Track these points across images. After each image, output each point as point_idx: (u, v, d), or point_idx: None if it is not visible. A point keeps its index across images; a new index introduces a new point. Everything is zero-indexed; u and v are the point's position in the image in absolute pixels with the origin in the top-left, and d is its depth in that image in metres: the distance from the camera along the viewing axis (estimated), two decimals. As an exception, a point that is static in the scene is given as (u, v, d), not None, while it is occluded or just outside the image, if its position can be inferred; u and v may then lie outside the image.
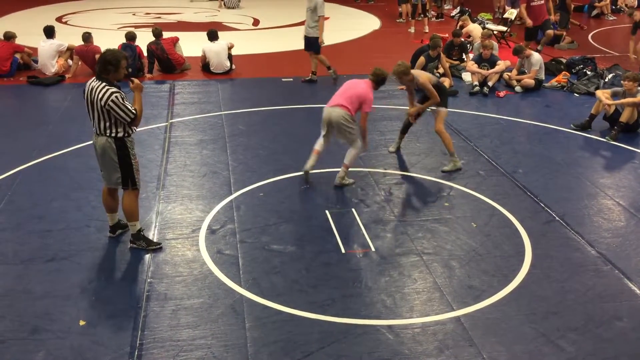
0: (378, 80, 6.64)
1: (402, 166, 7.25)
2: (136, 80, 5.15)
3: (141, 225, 5.47)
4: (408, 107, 7.51)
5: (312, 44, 10.62)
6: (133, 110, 4.99)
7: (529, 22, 12.52)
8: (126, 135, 5.10)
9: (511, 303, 4.70)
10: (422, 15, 15.74)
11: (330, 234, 5.67)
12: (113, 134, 5.04)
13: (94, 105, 4.97)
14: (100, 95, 4.91)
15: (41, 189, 6.53)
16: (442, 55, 10.83)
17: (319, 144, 6.75)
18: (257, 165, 7.23)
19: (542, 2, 12.48)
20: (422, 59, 10.32)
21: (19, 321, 4.41)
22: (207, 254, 5.31)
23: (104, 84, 4.94)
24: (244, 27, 16.65)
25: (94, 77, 5.07)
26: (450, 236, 5.66)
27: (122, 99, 4.93)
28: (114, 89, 4.93)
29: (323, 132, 6.69)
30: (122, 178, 5.17)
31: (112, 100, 4.88)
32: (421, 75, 7.07)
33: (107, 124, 5.00)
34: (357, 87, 6.61)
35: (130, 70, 9.91)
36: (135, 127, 5.18)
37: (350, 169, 6.77)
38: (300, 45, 14.15)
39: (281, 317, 4.49)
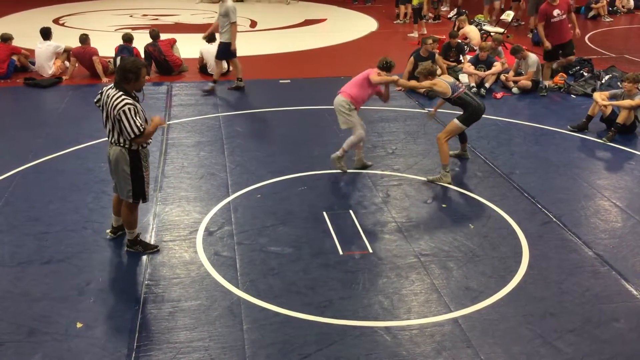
0: (381, 67, 6.91)
1: (400, 168, 7.25)
2: (161, 120, 5.07)
3: (139, 229, 5.45)
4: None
5: (224, 50, 10.09)
6: (140, 128, 4.84)
7: (547, 44, 10.32)
8: (140, 146, 5.03)
9: (509, 304, 4.70)
10: (420, 18, 15.72)
11: (327, 236, 5.67)
12: (127, 145, 4.96)
13: (109, 113, 4.90)
14: (114, 104, 4.82)
15: (38, 191, 6.52)
16: (438, 55, 10.92)
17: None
18: (255, 167, 7.23)
19: (564, 16, 10.15)
20: (411, 59, 10.50)
21: (15, 324, 4.40)
22: (204, 256, 5.31)
23: (121, 92, 4.85)
24: (241, 28, 16.64)
25: (111, 84, 4.98)
26: (448, 237, 5.67)
27: (135, 112, 4.83)
28: (130, 100, 4.83)
29: None
30: (132, 192, 5.10)
31: (124, 110, 4.78)
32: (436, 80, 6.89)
33: (120, 133, 4.93)
34: (362, 73, 6.99)
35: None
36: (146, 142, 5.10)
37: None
38: (296, 47, 14.25)
39: (279, 319, 4.49)
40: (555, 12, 10.11)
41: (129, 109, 4.80)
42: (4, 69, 10.78)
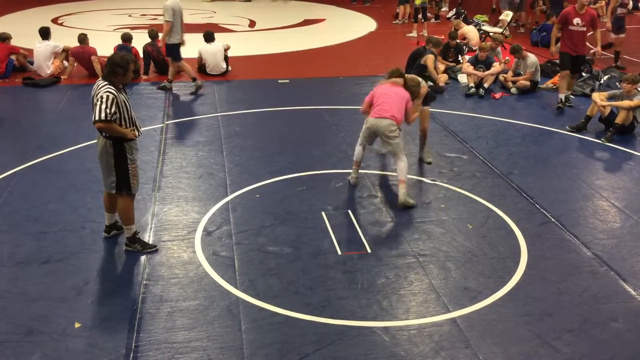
0: (409, 86, 6.63)
1: (398, 168, 7.24)
2: (132, 133, 5.08)
3: (137, 227, 5.45)
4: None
5: (170, 50, 9.99)
6: (108, 116, 4.82)
7: (553, 49, 9.88)
8: (125, 140, 5.03)
9: (507, 304, 4.70)
10: (423, 19, 15.70)
11: (326, 236, 5.67)
12: (111, 136, 4.99)
13: (94, 104, 4.93)
14: (97, 91, 4.88)
15: (37, 190, 6.51)
16: (438, 55, 10.97)
17: (358, 155, 6.71)
18: (253, 166, 7.23)
19: (584, 29, 9.27)
20: (432, 57, 10.36)
21: (14, 323, 4.40)
22: (202, 256, 5.31)
23: (106, 83, 4.90)
24: (240, 28, 16.66)
25: (100, 78, 5.03)
26: (446, 238, 5.67)
27: (113, 101, 4.84)
28: (112, 90, 4.87)
29: (364, 142, 6.64)
30: (116, 183, 5.12)
31: (101, 96, 4.82)
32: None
33: None
34: (398, 93, 6.47)
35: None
36: (139, 130, 5.11)
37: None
38: (295, 46, 14.25)
39: (277, 319, 4.49)
40: (576, 20, 9.21)
41: (107, 96, 4.84)
42: (2, 69, 10.77)
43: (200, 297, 4.73)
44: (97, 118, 4.84)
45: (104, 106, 4.82)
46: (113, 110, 4.85)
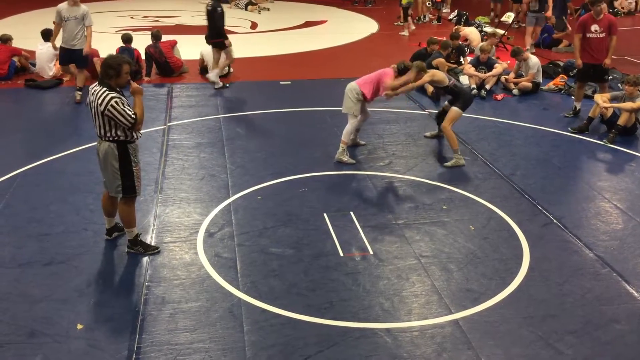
0: (400, 69, 7.43)
1: (400, 169, 7.25)
2: (134, 84, 5.11)
3: (139, 229, 5.46)
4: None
5: (79, 56, 9.56)
6: (133, 115, 4.91)
7: (579, 62, 9.05)
8: (129, 140, 5.05)
9: (509, 306, 4.70)
10: (404, 21, 16.01)
11: (328, 237, 5.67)
12: (115, 139, 4.99)
13: (95, 110, 4.94)
14: (99, 101, 4.86)
15: (39, 192, 6.52)
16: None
17: None
18: (255, 168, 7.23)
19: (604, 34, 8.79)
20: (442, 60, 10.56)
21: (16, 325, 4.40)
22: (205, 257, 5.31)
23: (104, 89, 4.90)
24: (242, 30, 16.67)
25: (96, 82, 5.04)
26: (448, 239, 5.66)
27: (122, 103, 4.87)
28: (114, 94, 4.88)
29: None
30: (122, 186, 5.11)
31: (112, 105, 4.83)
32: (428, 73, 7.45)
33: (108, 128, 4.95)
34: (378, 72, 7.43)
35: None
36: (139, 132, 5.12)
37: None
38: (296, 48, 14.26)
39: (279, 321, 4.49)
40: (594, 27, 8.79)
41: (116, 102, 4.85)
42: (4, 70, 10.79)
43: (203, 299, 4.73)
44: (130, 123, 4.89)
45: (123, 111, 4.86)
46: (128, 108, 4.91)
